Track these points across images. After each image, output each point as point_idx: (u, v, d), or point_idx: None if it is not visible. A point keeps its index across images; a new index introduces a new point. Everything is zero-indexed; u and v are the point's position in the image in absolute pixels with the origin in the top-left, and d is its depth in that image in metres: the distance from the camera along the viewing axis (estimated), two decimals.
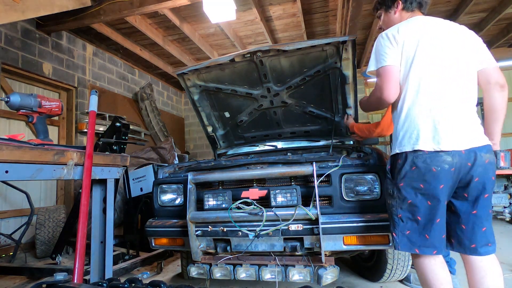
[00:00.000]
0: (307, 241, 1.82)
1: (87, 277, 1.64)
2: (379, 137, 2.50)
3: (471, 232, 1.40)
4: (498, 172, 3.87)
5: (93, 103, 1.60)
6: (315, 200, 1.75)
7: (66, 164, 1.25)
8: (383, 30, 1.58)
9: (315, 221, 1.75)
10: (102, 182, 1.52)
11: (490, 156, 1.39)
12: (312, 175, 1.81)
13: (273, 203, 1.85)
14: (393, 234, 1.48)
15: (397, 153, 1.48)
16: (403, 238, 1.44)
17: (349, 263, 2.81)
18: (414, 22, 1.51)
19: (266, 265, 1.88)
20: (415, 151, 1.39)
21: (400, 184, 1.44)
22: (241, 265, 1.91)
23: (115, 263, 2.50)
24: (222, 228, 1.90)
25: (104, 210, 1.51)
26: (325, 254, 1.78)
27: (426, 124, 1.39)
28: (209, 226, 1.93)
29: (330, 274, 1.75)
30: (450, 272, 2.15)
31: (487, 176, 1.38)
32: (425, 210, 1.39)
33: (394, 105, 1.57)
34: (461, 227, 1.42)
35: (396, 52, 1.48)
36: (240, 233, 1.87)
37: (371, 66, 1.58)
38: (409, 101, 1.46)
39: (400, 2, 1.63)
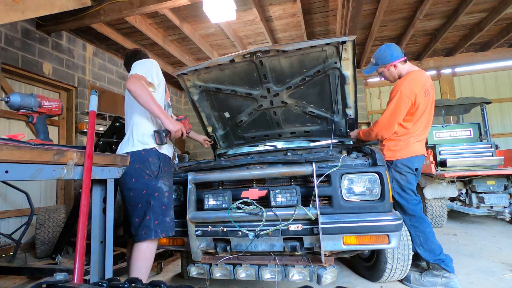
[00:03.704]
0: (307, 241, 1.82)
1: (87, 277, 1.64)
2: (378, 139, 2.50)
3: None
4: (498, 172, 3.83)
5: (93, 103, 1.59)
6: (315, 200, 1.75)
7: (66, 164, 1.25)
8: None
9: (315, 221, 1.76)
10: (102, 182, 1.52)
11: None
12: (312, 175, 1.82)
13: (273, 203, 1.86)
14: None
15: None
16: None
17: (349, 263, 2.81)
18: None
19: (266, 265, 1.88)
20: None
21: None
22: (241, 265, 1.91)
23: (115, 263, 2.50)
24: (222, 228, 1.91)
25: (104, 210, 1.50)
26: (324, 254, 1.78)
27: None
28: (209, 226, 1.94)
29: (329, 274, 1.76)
30: (447, 270, 2.14)
31: None
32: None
33: None
34: None
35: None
36: (240, 233, 1.87)
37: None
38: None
39: None
